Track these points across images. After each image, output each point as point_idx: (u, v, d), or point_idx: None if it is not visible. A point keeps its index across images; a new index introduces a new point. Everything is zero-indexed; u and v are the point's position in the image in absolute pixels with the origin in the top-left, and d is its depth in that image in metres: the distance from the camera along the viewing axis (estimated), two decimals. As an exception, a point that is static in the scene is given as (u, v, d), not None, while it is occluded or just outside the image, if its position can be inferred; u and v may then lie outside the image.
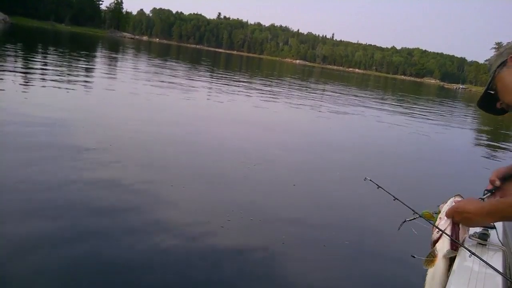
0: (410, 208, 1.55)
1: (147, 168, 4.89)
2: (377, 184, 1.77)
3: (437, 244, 1.38)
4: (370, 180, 1.81)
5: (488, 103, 1.45)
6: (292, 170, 5.86)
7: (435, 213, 1.50)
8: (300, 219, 4.09)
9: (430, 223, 1.46)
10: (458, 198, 1.47)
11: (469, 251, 1.26)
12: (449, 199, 1.49)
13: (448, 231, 1.37)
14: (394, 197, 1.68)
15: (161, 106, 9.78)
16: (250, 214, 3.93)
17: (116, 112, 8.17)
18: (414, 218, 1.52)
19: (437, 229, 1.41)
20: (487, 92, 1.43)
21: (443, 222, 1.41)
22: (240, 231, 3.62)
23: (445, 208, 1.46)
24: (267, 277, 2.94)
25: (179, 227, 3.50)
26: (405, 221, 1.53)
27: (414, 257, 1.42)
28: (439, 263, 1.33)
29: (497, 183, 1.52)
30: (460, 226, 1.39)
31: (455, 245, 1.34)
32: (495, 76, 1.39)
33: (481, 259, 1.20)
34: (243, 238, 3.53)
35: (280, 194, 4.77)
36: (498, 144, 12.45)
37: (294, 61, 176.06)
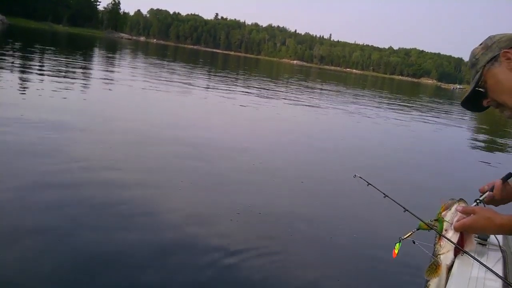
0: (401, 206, 1.51)
1: (152, 167, 4.91)
2: (367, 181, 1.77)
3: (441, 254, 1.30)
4: (360, 177, 1.81)
5: (473, 100, 1.36)
6: (298, 168, 5.95)
7: (435, 220, 1.37)
8: (308, 213, 4.20)
9: (440, 234, 1.33)
10: (462, 204, 1.34)
11: (469, 251, 1.24)
12: (453, 205, 1.35)
13: (455, 241, 1.29)
14: (384, 194, 1.67)
15: (161, 107, 9.78)
16: (258, 208, 4.03)
17: (117, 113, 8.16)
18: (411, 234, 1.39)
19: (443, 240, 1.31)
20: (475, 90, 1.32)
21: (451, 235, 1.31)
22: (248, 224, 3.72)
23: (449, 216, 1.34)
24: (277, 268, 2.99)
25: (189, 221, 3.57)
26: (400, 240, 1.39)
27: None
28: (444, 272, 1.26)
29: (486, 187, 1.44)
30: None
31: (459, 250, 1.28)
32: (485, 72, 1.28)
33: (480, 262, 1.19)
34: (251, 230, 3.62)
35: (288, 190, 4.85)
36: (496, 142, 12.52)
37: (291, 61, 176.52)
